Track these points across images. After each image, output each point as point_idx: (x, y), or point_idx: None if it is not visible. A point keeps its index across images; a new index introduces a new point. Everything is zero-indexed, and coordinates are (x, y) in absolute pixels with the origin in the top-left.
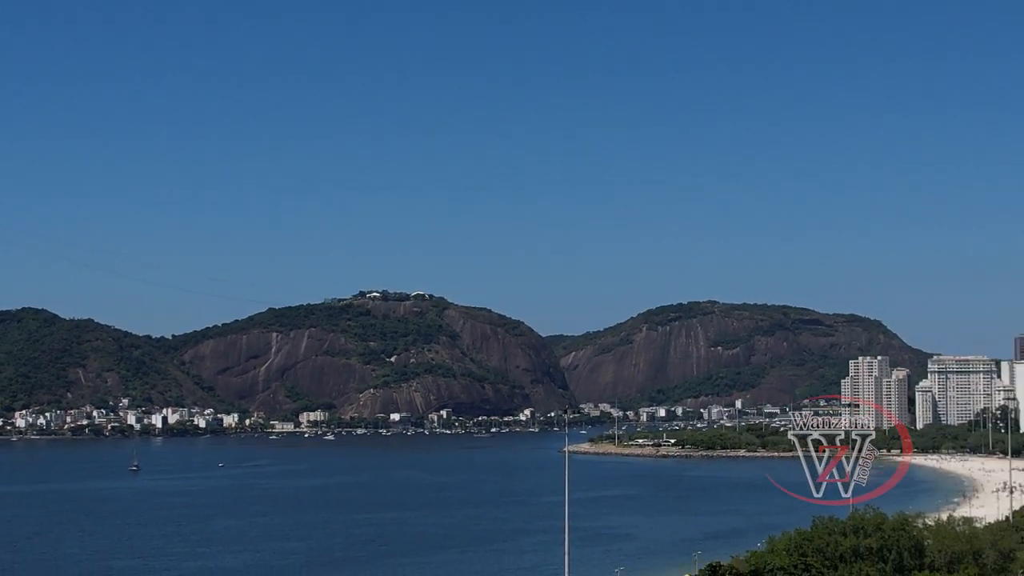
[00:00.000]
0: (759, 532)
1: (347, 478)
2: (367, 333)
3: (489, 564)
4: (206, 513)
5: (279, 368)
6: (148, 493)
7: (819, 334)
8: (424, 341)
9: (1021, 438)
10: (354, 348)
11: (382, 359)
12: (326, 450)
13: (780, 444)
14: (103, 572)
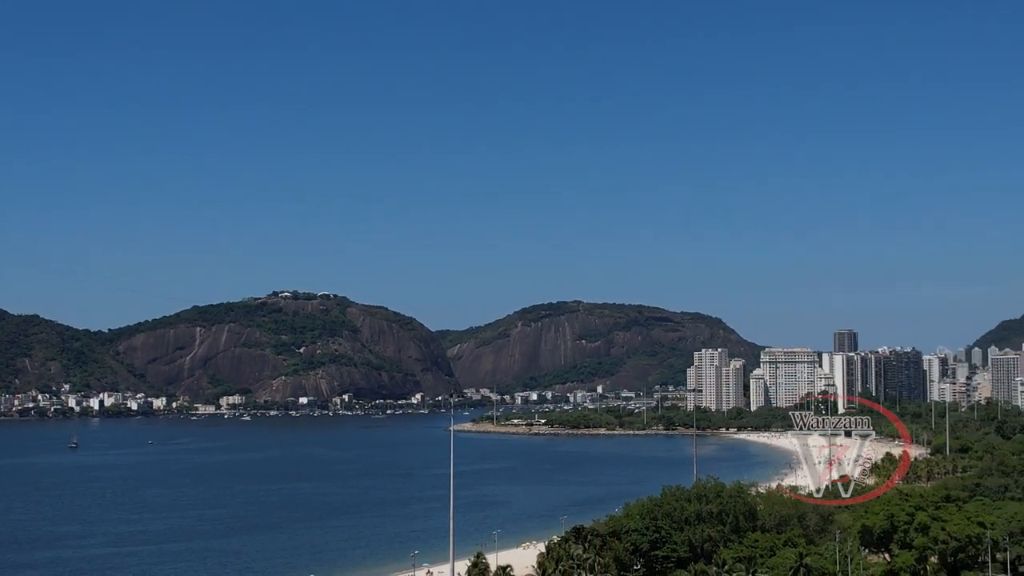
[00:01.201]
0: (617, 499)
1: (261, 454)
2: (279, 328)
3: (384, 528)
4: (138, 484)
5: (202, 358)
6: (86, 467)
7: (669, 329)
8: (329, 335)
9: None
10: (268, 341)
11: (292, 350)
12: (243, 429)
13: (635, 423)
14: (48, 536)
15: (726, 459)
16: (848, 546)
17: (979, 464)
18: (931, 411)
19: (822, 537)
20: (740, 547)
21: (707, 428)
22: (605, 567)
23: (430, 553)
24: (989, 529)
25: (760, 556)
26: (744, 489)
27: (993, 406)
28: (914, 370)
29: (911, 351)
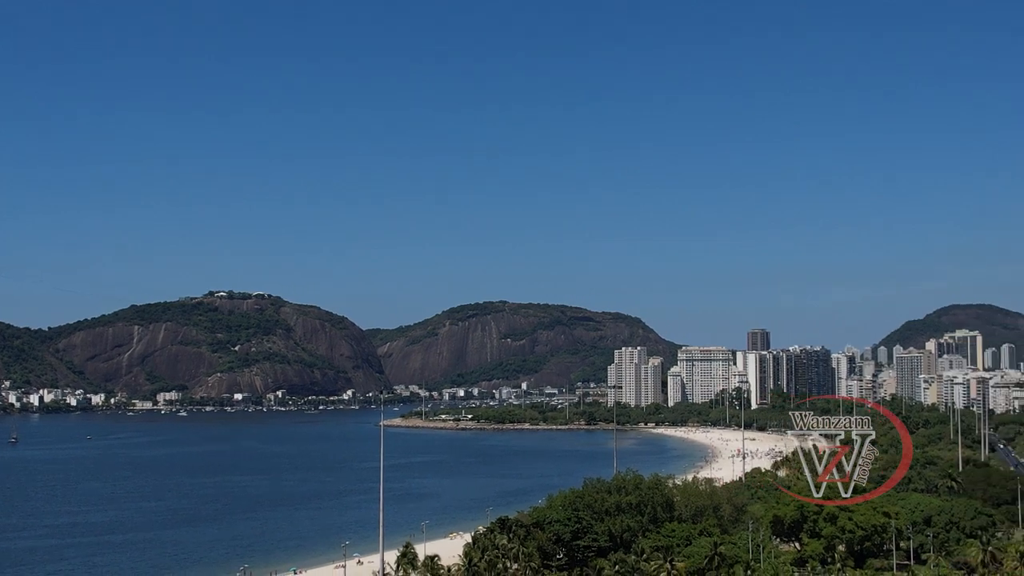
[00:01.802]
0: (540, 491)
1: (198, 448)
2: (215, 326)
3: (317, 519)
4: (77, 478)
5: (140, 355)
6: (26, 461)
7: (590, 328)
8: (263, 333)
9: (751, 413)
10: (204, 339)
11: (228, 348)
12: (179, 425)
13: (558, 419)
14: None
15: (645, 453)
16: (760, 535)
17: (884, 457)
18: (839, 407)
19: (736, 527)
20: (658, 536)
21: (627, 423)
22: (529, 556)
23: (361, 543)
24: (893, 519)
25: (677, 545)
26: (662, 481)
27: (898, 402)
28: (823, 368)
29: (820, 350)
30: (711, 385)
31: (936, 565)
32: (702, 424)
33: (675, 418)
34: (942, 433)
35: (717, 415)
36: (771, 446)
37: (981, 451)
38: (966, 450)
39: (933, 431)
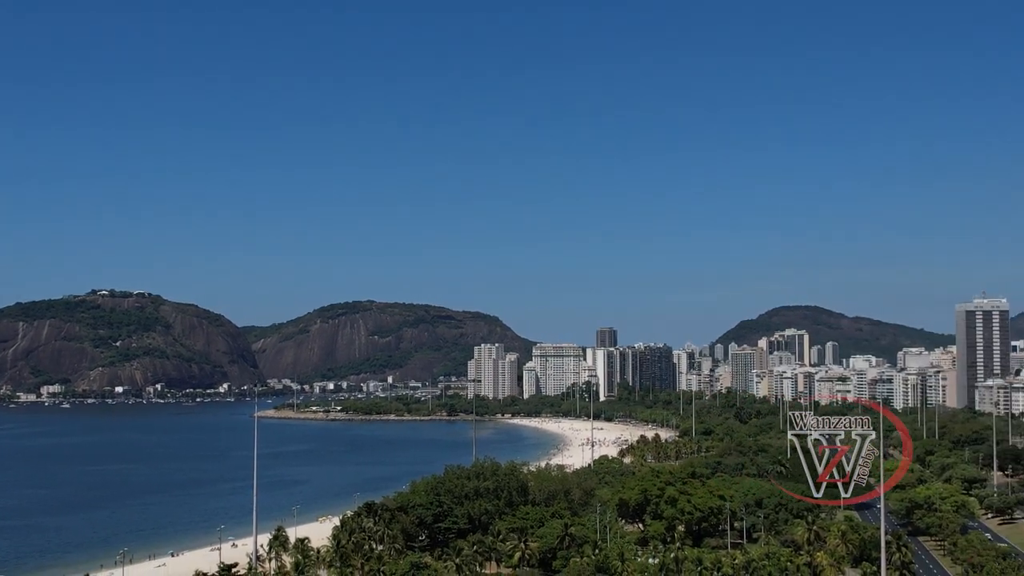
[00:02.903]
0: (405, 477)
1: (80, 438)
2: (97, 323)
3: (194, 505)
4: None
5: (25, 350)
6: None
7: (452, 326)
8: (144, 330)
9: (600, 405)
10: (87, 335)
11: (109, 343)
12: (62, 416)
13: (421, 410)
14: None
15: (502, 441)
16: (607, 517)
17: (720, 445)
18: (680, 399)
19: (585, 509)
20: (513, 519)
21: (485, 414)
22: (393, 538)
23: (235, 528)
24: (728, 501)
25: (531, 527)
26: (517, 468)
27: (732, 395)
28: (665, 363)
29: (663, 347)
30: (563, 379)
31: (766, 543)
32: (554, 415)
33: (530, 409)
34: (772, 423)
35: (568, 407)
36: (618, 435)
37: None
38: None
39: (764, 421)
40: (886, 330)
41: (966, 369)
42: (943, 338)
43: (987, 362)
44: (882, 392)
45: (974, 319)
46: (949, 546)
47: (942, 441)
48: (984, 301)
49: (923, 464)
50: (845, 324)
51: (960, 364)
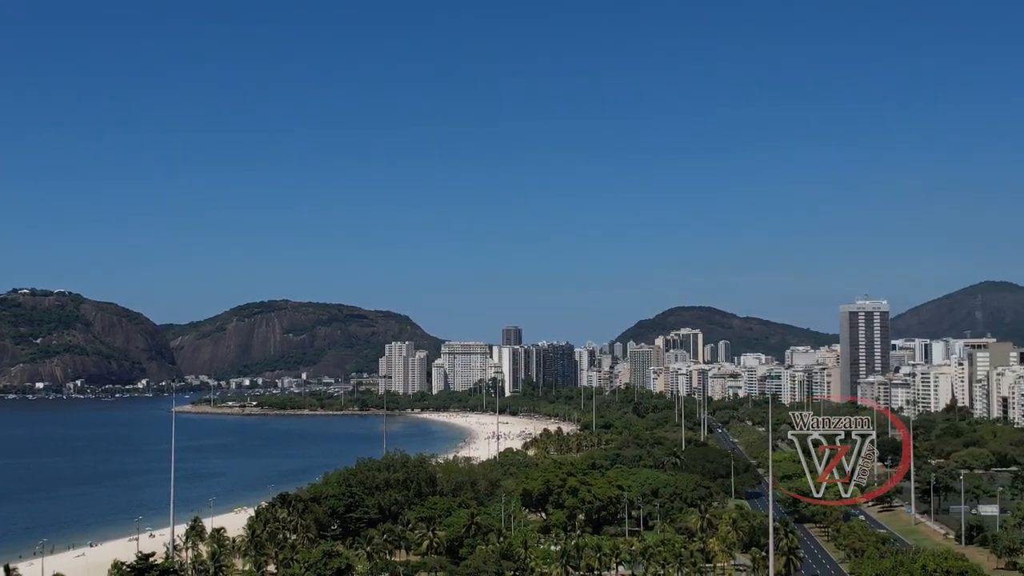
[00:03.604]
0: (318, 469)
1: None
2: (18, 320)
3: (113, 497)
4: None
5: None
6: None
7: (364, 325)
8: (64, 327)
9: (505, 400)
10: (7, 332)
11: (30, 341)
12: None
13: (334, 405)
14: None
15: (411, 435)
16: (512, 506)
17: (619, 438)
18: (581, 394)
19: (490, 499)
20: (422, 509)
21: (396, 409)
22: (306, 528)
23: (153, 518)
24: (626, 491)
25: (439, 516)
26: (426, 460)
27: (631, 390)
28: (567, 360)
29: (565, 345)
30: (470, 375)
31: (662, 530)
32: (462, 410)
33: (439, 404)
34: (668, 417)
35: (475, 401)
36: (522, 428)
37: (701, 432)
38: (688, 431)
39: (660, 415)
40: (775, 329)
41: (849, 366)
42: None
43: (869, 359)
44: (771, 388)
45: (857, 319)
46: (833, 532)
47: None
48: (866, 302)
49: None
50: (737, 324)
51: (844, 361)
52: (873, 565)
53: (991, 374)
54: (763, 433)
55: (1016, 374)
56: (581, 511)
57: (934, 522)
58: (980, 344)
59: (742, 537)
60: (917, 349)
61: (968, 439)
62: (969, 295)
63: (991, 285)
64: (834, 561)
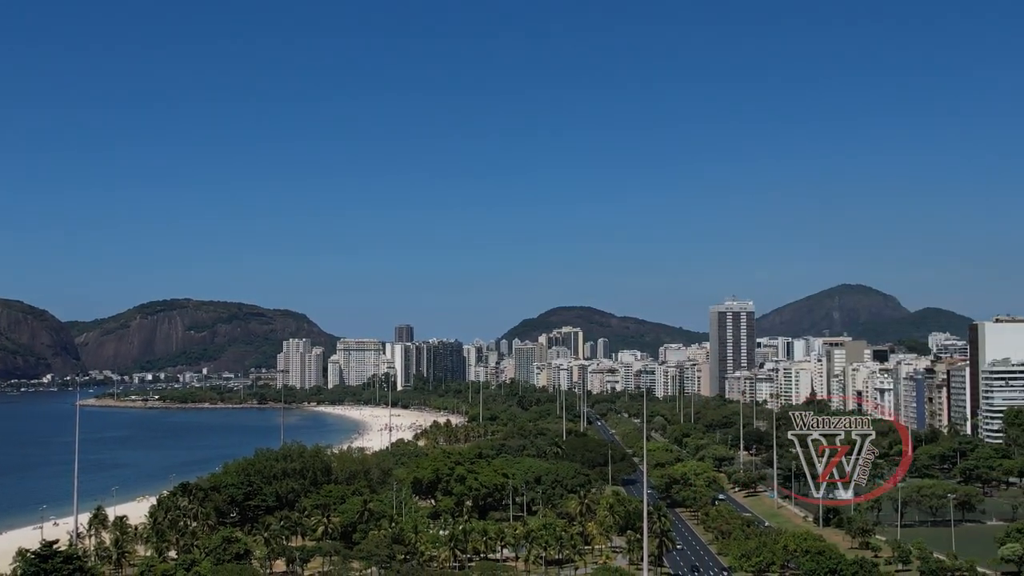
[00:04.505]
0: (218, 460)
1: None
2: None
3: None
4: None
5: None
6: None
7: (263, 323)
8: None
9: (397, 394)
10: None
11: None
12: None
13: (234, 399)
14: None
15: (308, 427)
16: (403, 494)
17: (504, 429)
18: (469, 389)
19: (383, 487)
20: (317, 496)
21: (293, 402)
22: (206, 515)
23: (57, 508)
24: (511, 479)
25: (333, 503)
26: (322, 450)
27: (516, 384)
28: (456, 356)
29: (454, 342)
30: (364, 370)
31: (544, 515)
32: (356, 403)
33: (334, 398)
34: (550, 409)
35: (369, 395)
36: (413, 421)
37: (581, 424)
38: (569, 423)
39: (543, 408)
40: (650, 328)
41: (718, 362)
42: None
43: (735, 356)
44: (646, 382)
45: (725, 319)
46: (702, 516)
47: (696, 425)
48: (733, 303)
49: (680, 444)
50: (614, 323)
51: (712, 358)
52: (739, 546)
53: (847, 369)
54: (638, 424)
55: (869, 369)
56: (468, 498)
57: (795, 506)
58: (837, 342)
59: (618, 521)
60: (780, 346)
61: None
62: (827, 297)
63: (847, 288)
64: (703, 543)
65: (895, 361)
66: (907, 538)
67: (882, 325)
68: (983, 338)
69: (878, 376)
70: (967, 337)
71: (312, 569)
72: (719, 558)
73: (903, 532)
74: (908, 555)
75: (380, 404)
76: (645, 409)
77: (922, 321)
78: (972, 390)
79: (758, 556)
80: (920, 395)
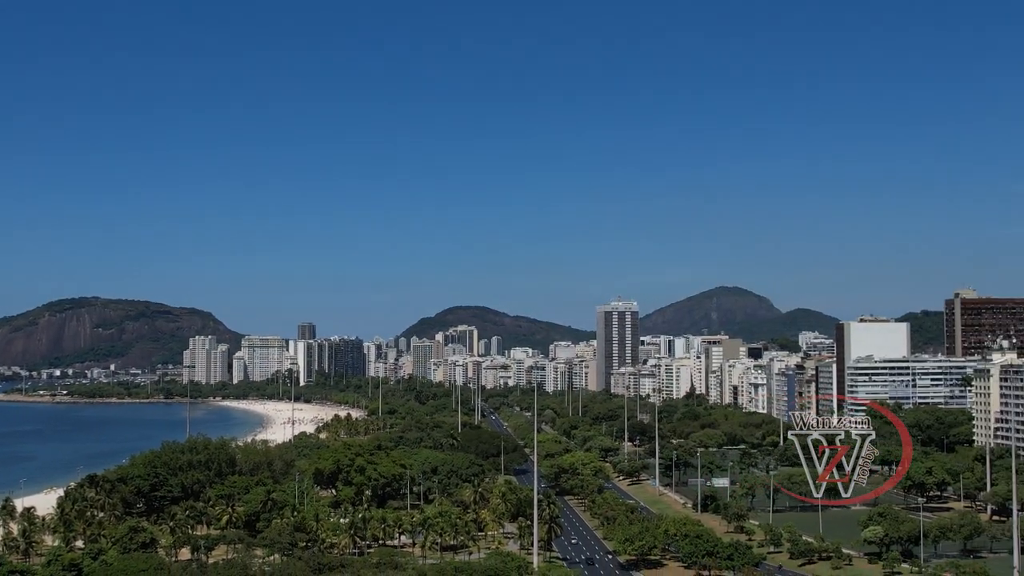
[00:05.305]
0: (125, 452)
1: None
2: None
3: None
4: None
5: None
6: None
7: (170, 320)
8: None
9: (300, 389)
10: None
11: None
12: None
13: (141, 394)
14: None
15: (213, 421)
16: (305, 484)
17: (402, 422)
18: (369, 384)
19: (286, 478)
20: (222, 487)
21: (199, 397)
22: (113, 506)
23: None
24: (408, 469)
25: (238, 493)
26: (227, 443)
27: (414, 380)
28: (357, 353)
29: (355, 339)
30: (268, 366)
31: (440, 503)
32: (260, 398)
33: (239, 393)
34: (446, 404)
35: (273, 390)
36: (315, 415)
37: (475, 417)
38: (464, 416)
39: (440, 402)
40: (540, 327)
41: (604, 359)
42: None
43: (621, 353)
44: (537, 378)
45: (611, 318)
46: (589, 503)
47: (584, 418)
48: (619, 303)
49: (568, 436)
50: (507, 322)
51: (599, 355)
52: (623, 530)
53: (724, 366)
54: (529, 417)
55: (744, 366)
56: (368, 487)
57: (675, 493)
58: (715, 340)
59: (510, 508)
60: (662, 344)
61: (704, 421)
62: (706, 298)
63: (725, 290)
64: (590, 528)
65: (768, 358)
66: (778, 522)
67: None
68: (848, 337)
69: (752, 372)
70: (834, 336)
71: (216, 557)
72: (604, 542)
73: (775, 517)
74: (779, 538)
75: (283, 399)
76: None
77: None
78: (838, 385)
79: (641, 540)
80: (791, 390)
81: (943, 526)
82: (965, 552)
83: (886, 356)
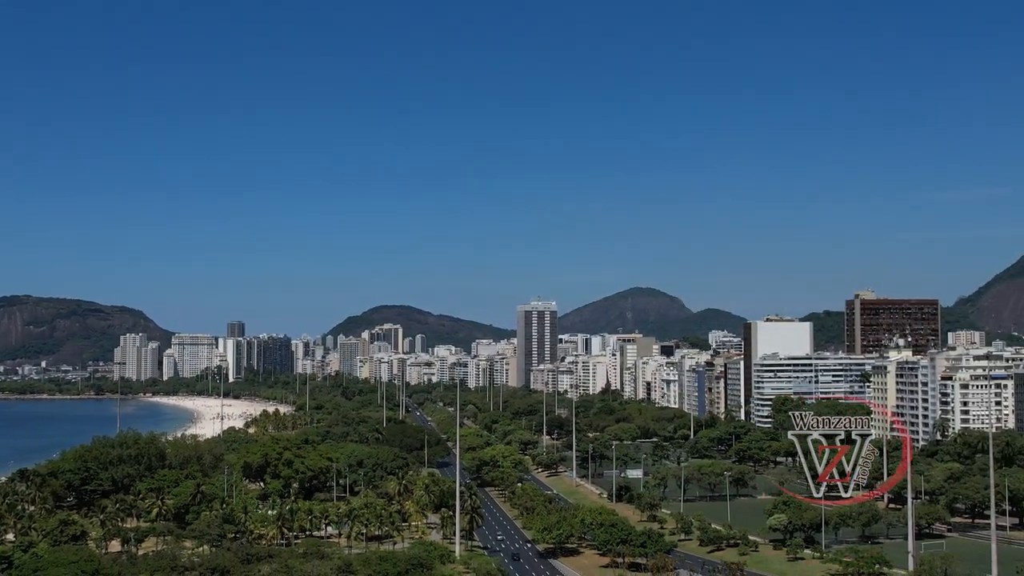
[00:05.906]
0: (56, 447)
1: None
2: None
3: None
4: None
5: None
6: None
7: (101, 318)
8: None
9: (229, 385)
10: None
11: None
12: None
13: (72, 390)
14: None
15: (144, 416)
16: (234, 477)
17: (329, 417)
18: (297, 380)
19: (215, 471)
20: (152, 480)
21: (129, 393)
22: (44, 500)
23: None
24: (335, 462)
25: (167, 486)
26: (157, 437)
27: (340, 376)
28: (285, 351)
29: (283, 337)
30: (198, 363)
31: (365, 495)
32: (190, 394)
33: (169, 389)
34: (372, 399)
35: (202, 387)
36: (244, 410)
37: (400, 412)
38: (389, 411)
39: (365, 398)
40: (463, 325)
41: (524, 356)
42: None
43: (540, 351)
44: (459, 374)
45: (531, 317)
46: (509, 494)
47: (505, 413)
48: (539, 303)
49: (489, 430)
50: (431, 320)
51: (520, 352)
52: (542, 520)
53: (638, 363)
54: (452, 412)
55: (657, 363)
56: (295, 480)
57: (591, 484)
58: (629, 339)
59: (433, 500)
60: (579, 342)
61: (619, 416)
62: (622, 298)
63: (639, 290)
64: (510, 518)
65: (679, 356)
66: (689, 511)
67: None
68: (755, 335)
69: (665, 369)
70: (742, 335)
71: (146, 548)
72: (524, 531)
73: (686, 506)
74: (690, 526)
75: (213, 395)
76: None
77: (703, 320)
78: (746, 381)
79: (558, 529)
80: (701, 385)
81: (843, 514)
82: (864, 538)
83: (790, 354)
